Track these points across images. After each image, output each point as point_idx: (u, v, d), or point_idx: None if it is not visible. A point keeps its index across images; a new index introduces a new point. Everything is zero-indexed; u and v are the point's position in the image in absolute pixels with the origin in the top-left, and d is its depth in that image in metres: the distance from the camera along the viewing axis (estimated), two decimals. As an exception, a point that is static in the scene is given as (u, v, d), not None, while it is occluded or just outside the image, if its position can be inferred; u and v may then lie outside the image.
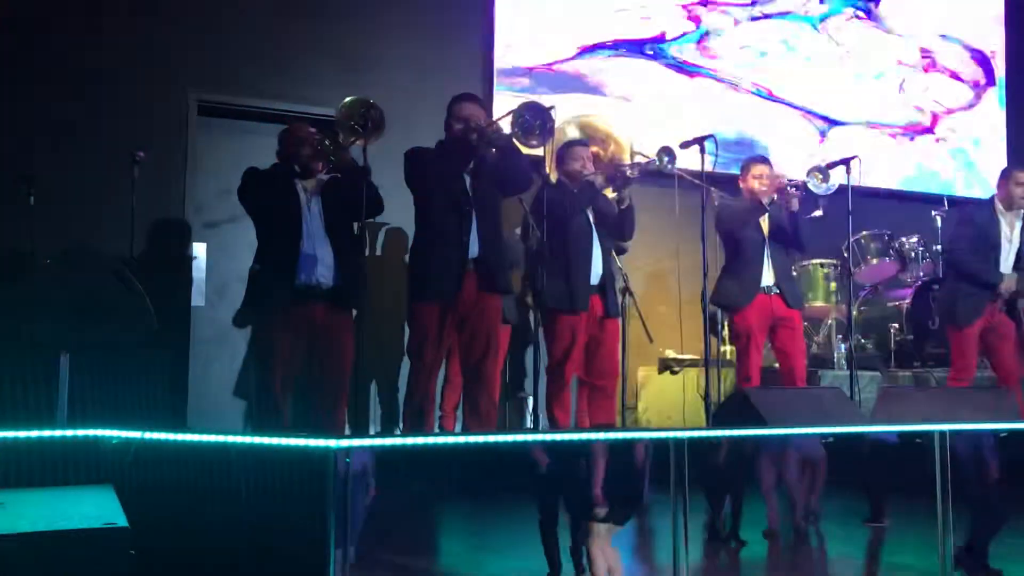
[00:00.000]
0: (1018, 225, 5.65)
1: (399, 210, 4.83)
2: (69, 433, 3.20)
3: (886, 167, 8.02)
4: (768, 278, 5.29)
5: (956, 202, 6.92)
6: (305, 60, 6.16)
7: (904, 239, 6.68)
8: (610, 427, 4.70)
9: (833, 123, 7.91)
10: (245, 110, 6.05)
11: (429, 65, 6.47)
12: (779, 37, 7.80)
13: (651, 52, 7.27)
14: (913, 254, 6.63)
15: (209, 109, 5.95)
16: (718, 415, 4.06)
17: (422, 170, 4.36)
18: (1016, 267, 5.57)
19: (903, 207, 7.61)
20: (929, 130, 8.37)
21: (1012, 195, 5.59)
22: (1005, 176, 5.70)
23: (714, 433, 3.49)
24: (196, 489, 3.06)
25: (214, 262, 5.83)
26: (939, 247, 6.69)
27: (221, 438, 3.06)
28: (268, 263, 4.23)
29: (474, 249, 4.26)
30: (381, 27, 6.44)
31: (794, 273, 5.94)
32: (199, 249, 5.78)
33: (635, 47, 7.22)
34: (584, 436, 3.37)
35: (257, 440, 3.03)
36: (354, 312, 4.34)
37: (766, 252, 5.33)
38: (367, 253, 5.42)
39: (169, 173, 5.74)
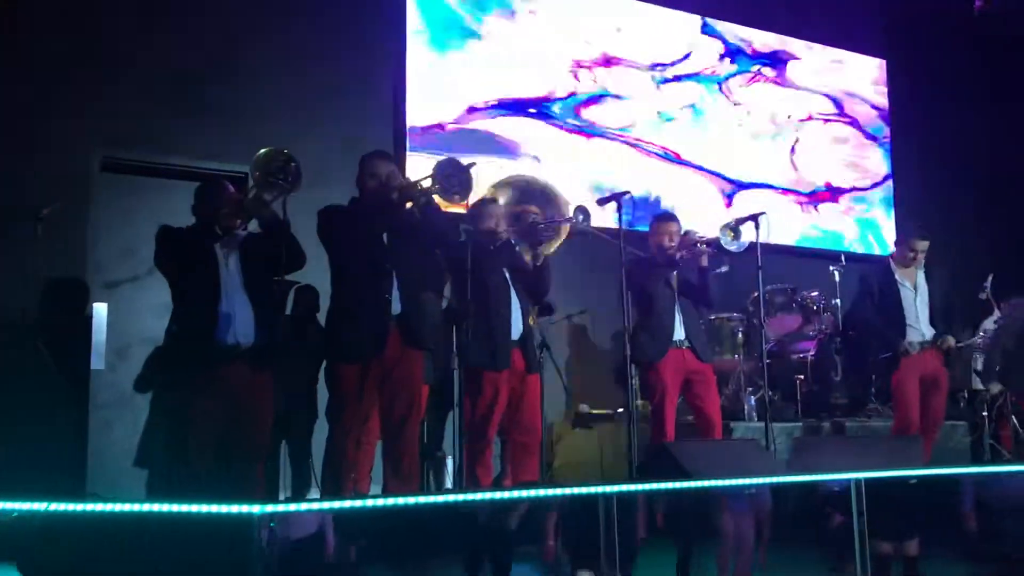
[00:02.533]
0: (920, 277, 5.91)
1: (308, 267, 4.74)
2: (-35, 506, 3.00)
3: (788, 226, 8.30)
4: (679, 333, 5.37)
5: (853, 258, 7.20)
6: (210, 116, 6.06)
7: (806, 293, 6.91)
8: (538, 484, 4.66)
9: (740, 186, 8.16)
10: (149, 167, 5.90)
11: (339, 120, 6.45)
12: (685, 101, 8.03)
13: (555, 111, 7.40)
14: (815, 308, 6.85)
15: (112, 165, 5.78)
16: (640, 469, 4.07)
17: (339, 228, 4.28)
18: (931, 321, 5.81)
19: (802, 263, 7.86)
20: (834, 199, 8.70)
21: (906, 259, 5.88)
22: (902, 241, 6.01)
23: (642, 487, 3.49)
24: (107, 563, 2.90)
25: (115, 323, 5.60)
26: (838, 301, 6.93)
27: (136, 507, 2.91)
28: (185, 324, 4.08)
29: (396, 306, 4.20)
30: (289, 83, 6.40)
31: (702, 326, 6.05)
32: (100, 309, 5.55)
33: (534, 106, 7.32)
34: (513, 494, 3.33)
35: (175, 508, 2.89)
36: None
37: (677, 307, 5.42)
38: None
39: (70, 231, 5.53)
